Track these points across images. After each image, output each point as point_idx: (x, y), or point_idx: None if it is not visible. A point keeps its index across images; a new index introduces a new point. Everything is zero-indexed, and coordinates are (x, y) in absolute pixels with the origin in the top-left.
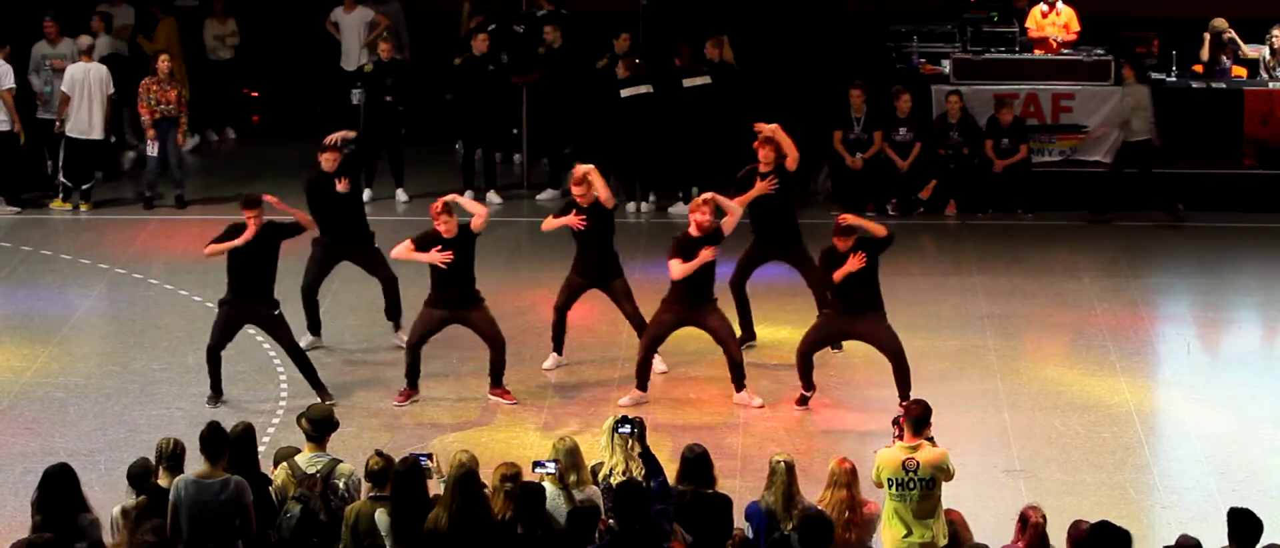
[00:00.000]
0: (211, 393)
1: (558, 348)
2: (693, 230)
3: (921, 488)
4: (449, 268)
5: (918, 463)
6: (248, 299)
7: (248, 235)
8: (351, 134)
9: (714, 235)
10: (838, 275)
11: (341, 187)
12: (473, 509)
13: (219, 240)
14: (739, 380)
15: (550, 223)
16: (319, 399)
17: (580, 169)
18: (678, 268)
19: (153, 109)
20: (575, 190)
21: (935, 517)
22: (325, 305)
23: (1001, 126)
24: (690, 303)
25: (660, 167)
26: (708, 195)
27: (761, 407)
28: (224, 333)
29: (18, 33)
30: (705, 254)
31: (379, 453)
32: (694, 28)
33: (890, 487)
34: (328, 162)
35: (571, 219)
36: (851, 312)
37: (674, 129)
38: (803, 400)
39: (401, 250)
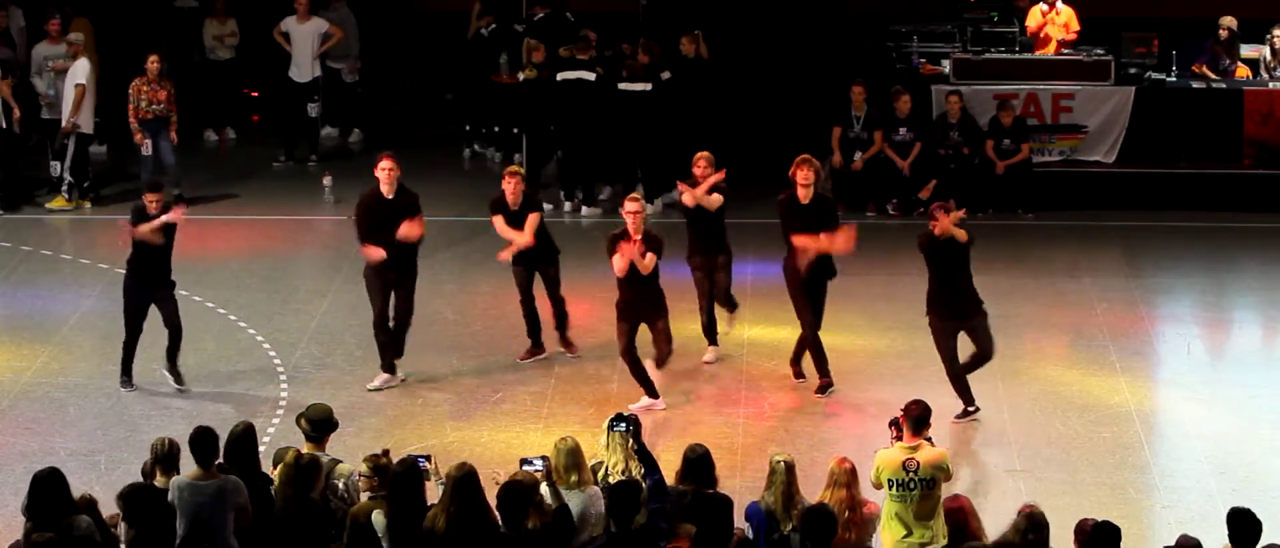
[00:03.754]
0: (123, 376)
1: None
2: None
3: (921, 488)
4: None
5: (918, 463)
6: (150, 284)
7: (165, 221)
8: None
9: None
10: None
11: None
12: (471, 512)
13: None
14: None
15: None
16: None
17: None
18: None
19: (143, 110)
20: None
21: (935, 517)
22: (325, 305)
23: (1003, 127)
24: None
25: (660, 164)
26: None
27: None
28: (136, 319)
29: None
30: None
31: (385, 452)
32: (693, 27)
33: (890, 487)
34: (386, 182)
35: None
36: (956, 315)
37: (672, 126)
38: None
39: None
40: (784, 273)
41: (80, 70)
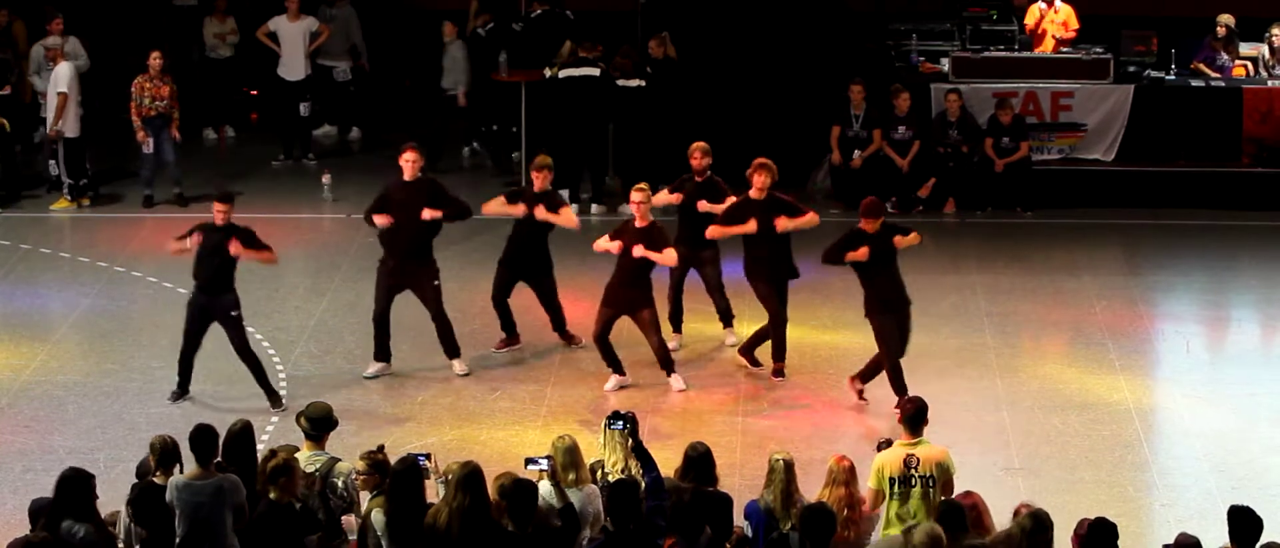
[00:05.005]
0: (178, 391)
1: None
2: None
3: (923, 485)
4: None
5: (918, 459)
6: (211, 293)
7: (194, 242)
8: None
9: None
10: (848, 257)
11: (427, 215)
12: (476, 508)
13: (182, 238)
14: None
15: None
16: (270, 402)
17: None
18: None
19: (146, 107)
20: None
21: (925, 518)
22: (325, 304)
23: (1002, 125)
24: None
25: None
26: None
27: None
28: (195, 330)
29: None
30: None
31: (380, 448)
32: (692, 26)
33: (892, 486)
34: (408, 174)
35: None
36: (892, 310)
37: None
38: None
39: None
40: (746, 271)
41: (62, 77)
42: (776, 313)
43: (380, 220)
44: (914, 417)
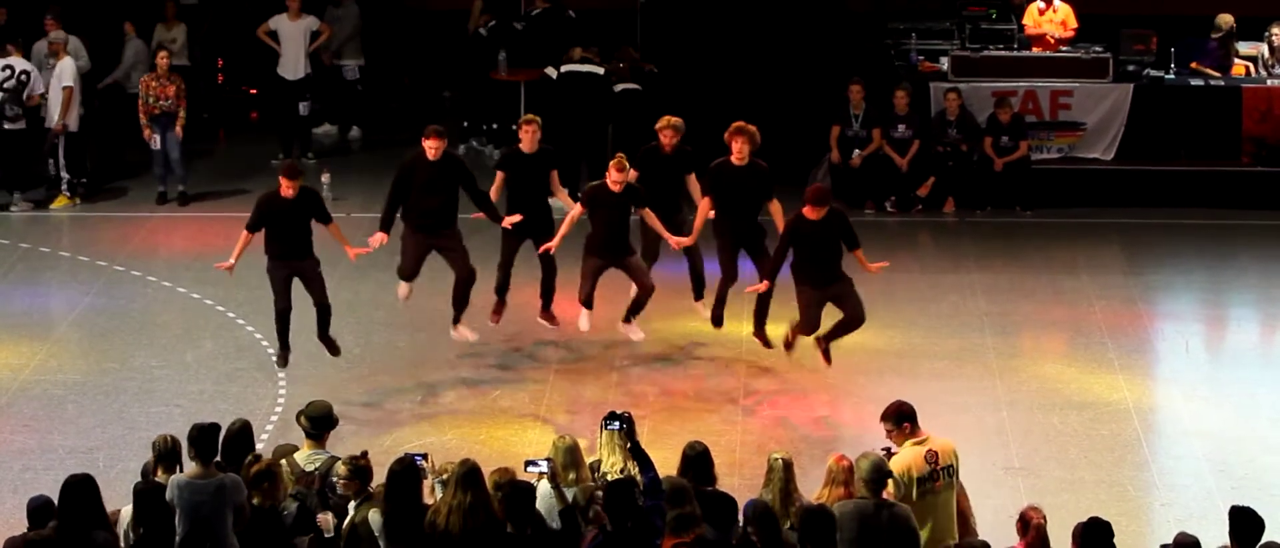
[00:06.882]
0: (280, 352)
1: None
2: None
3: (945, 478)
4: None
5: (936, 453)
6: (289, 258)
7: (238, 250)
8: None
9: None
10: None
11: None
12: (478, 507)
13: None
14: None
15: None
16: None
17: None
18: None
19: (152, 105)
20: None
21: (949, 515)
22: None
23: (1001, 124)
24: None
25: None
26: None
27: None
28: (284, 292)
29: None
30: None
31: (363, 454)
32: (691, 26)
33: (918, 486)
34: (431, 148)
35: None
36: (823, 284)
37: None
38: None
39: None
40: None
41: (67, 72)
42: (728, 280)
43: (374, 241)
44: (908, 416)
